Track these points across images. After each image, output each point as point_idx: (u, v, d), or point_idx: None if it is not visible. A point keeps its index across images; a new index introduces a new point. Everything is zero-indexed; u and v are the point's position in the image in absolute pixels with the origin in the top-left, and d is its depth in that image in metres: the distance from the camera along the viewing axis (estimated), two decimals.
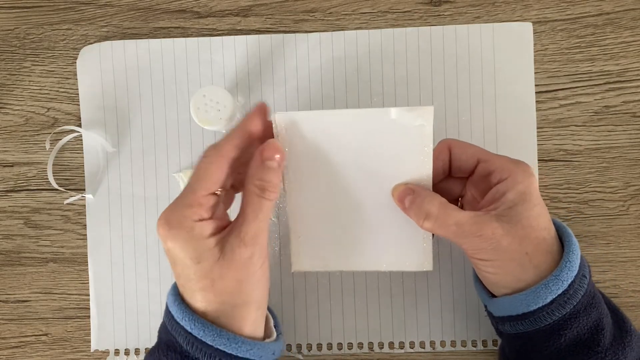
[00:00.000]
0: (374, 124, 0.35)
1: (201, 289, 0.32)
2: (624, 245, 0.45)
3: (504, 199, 0.34)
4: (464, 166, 0.37)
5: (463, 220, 0.33)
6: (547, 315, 0.33)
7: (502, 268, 0.34)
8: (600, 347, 0.33)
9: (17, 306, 0.46)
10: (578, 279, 0.33)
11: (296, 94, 0.46)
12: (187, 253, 0.32)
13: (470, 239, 0.33)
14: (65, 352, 0.46)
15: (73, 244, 0.46)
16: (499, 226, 0.33)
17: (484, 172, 0.36)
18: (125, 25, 0.47)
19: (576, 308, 0.33)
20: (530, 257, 0.33)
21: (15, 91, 0.47)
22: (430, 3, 0.46)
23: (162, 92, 0.46)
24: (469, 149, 0.37)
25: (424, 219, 0.34)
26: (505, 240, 0.33)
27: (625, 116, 0.45)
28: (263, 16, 0.46)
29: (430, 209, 0.34)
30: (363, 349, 0.45)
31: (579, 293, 0.33)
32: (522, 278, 0.34)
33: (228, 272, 0.32)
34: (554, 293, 0.33)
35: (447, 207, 0.34)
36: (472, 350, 0.45)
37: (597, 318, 0.34)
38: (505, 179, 0.34)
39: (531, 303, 0.33)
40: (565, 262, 0.33)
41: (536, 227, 0.33)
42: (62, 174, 0.47)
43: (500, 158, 0.35)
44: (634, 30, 0.45)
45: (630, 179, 0.45)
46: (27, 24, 0.47)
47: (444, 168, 0.37)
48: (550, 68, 0.45)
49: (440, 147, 0.37)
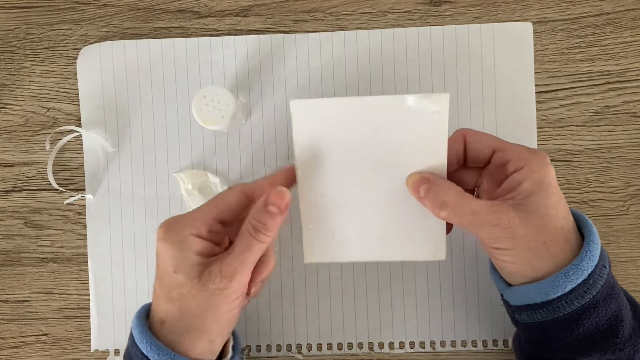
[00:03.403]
0: (389, 111, 0.34)
1: (168, 298, 0.33)
2: (624, 245, 0.45)
3: (521, 188, 0.33)
4: (480, 156, 0.36)
5: (479, 209, 0.33)
6: (566, 304, 0.33)
7: (519, 257, 0.33)
8: (619, 339, 0.33)
9: (17, 306, 0.46)
10: (598, 268, 0.33)
11: (296, 94, 0.46)
12: (170, 259, 0.33)
13: (486, 228, 0.33)
14: (65, 352, 0.46)
15: (73, 244, 0.46)
16: (516, 215, 0.32)
17: (500, 161, 0.35)
18: (125, 25, 0.47)
19: (595, 298, 0.33)
20: (548, 246, 0.33)
21: (15, 91, 0.47)
22: (430, 3, 0.46)
23: (162, 92, 0.46)
24: (484, 138, 0.36)
25: (440, 208, 0.34)
26: (522, 229, 0.32)
27: (625, 116, 0.45)
28: (263, 16, 0.46)
29: (446, 198, 0.33)
30: (363, 349, 0.45)
31: (598, 283, 0.33)
32: (539, 267, 0.33)
33: (197, 294, 0.33)
34: (573, 282, 0.32)
35: (463, 195, 0.33)
36: (472, 350, 0.45)
37: (617, 309, 0.33)
38: (521, 167, 0.34)
39: (550, 292, 0.33)
40: (585, 252, 0.33)
41: (554, 216, 0.33)
42: (62, 174, 0.47)
43: (516, 147, 0.35)
44: (634, 30, 0.45)
45: (631, 179, 0.45)
46: (27, 24, 0.47)
47: (458, 158, 0.37)
48: (550, 68, 0.45)
49: (455, 137, 0.36)
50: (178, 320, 0.33)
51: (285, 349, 0.45)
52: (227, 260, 0.33)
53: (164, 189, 0.46)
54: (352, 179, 0.36)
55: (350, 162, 0.36)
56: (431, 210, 0.34)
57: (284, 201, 0.33)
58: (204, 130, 0.46)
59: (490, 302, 0.44)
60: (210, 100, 0.41)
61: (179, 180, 0.46)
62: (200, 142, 0.46)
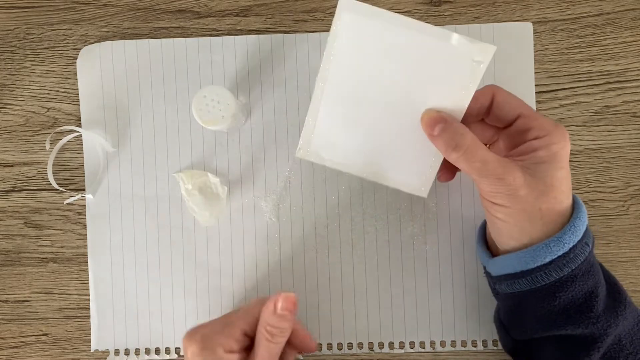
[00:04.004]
0: (431, 43, 0.34)
1: None
2: (624, 245, 0.45)
3: (535, 154, 0.34)
4: (505, 116, 0.36)
5: (489, 159, 0.33)
6: (545, 275, 0.34)
7: (512, 217, 0.34)
8: (593, 313, 0.34)
9: (17, 306, 0.46)
10: (580, 245, 0.34)
11: (296, 94, 0.46)
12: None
13: (490, 180, 0.33)
14: (65, 352, 0.46)
15: (73, 244, 0.46)
16: (522, 175, 0.33)
17: (523, 127, 0.35)
18: (125, 25, 0.47)
19: (574, 272, 0.34)
20: (542, 213, 0.33)
21: (15, 91, 0.47)
22: (430, 3, 0.46)
23: (162, 92, 0.46)
24: (513, 101, 0.36)
25: (453, 149, 0.34)
26: (524, 190, 0.33)
27: (625, 116, 0.45)
28: (263, 16, 0.46)
29: (461, 141, 0.34)
30: (363, 349, 0.45)
31: (579, 258, 0.34)
32: (528, 231, 0.34)
33: None
34: (553, 254, 0.33)
35: (477, 142, 0.34)
36: (472, 350, 0.45)
37: (593, 285, 0.34)
38: (542, 137, 0.34)
39: (530, 261, 0.34)
40: (570, 226, 0.33)
41: (557, 187, 0.33)
42: (62, 174, 0.47)
43: (542, 117, 0.35)
44: (634, 30, 0.45)
45: (630, 179, 0.45)
46: (27, 24, 0.47)
47: (480, 112, 0.37)
48: (550, 68, 0.45)
49: (485, 91, 0.36)
50: None
51: None
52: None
53: (164, 189, 0.46)
54: (369, 97, 0.36)
55: (374, 80, 0.36)
56: (443, 149, 0.35)
57: (293, 302, 0.36)
58: (204, 130, 0.46)
59: (491, 302, 0.44)
60: (210, 100, 0.41)
61: (179, 180, 0.46)
62: (200, 142, 0.46)
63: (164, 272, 0.46)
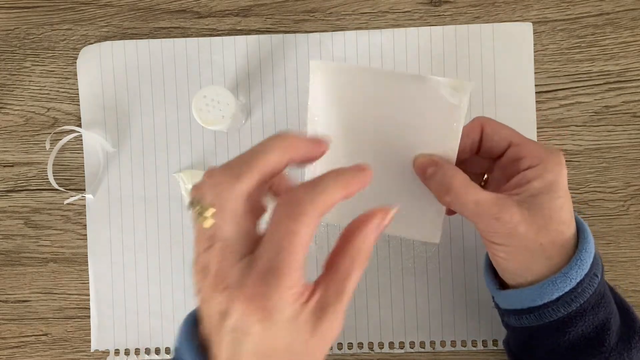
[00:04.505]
0: (409, 89, 0.34)
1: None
2: (624, 245, 0.45)
3: (529, 186, 0.32)
4: (495, 147, 0.35)
5: (483, 200, 0.32)
6: (552, 311, 0.33)
7: (514, 255, 0.33)
8: (605, 347, 0.33)
9: (17, 306, 0.46)
10: (588, 278, 0.32)
11: (296, 94, 0.46)
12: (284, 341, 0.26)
13: (487, 220, 0.32)
14: (65, 352, 0.46)
15: (73, 244, 0.46)
16: (518, 212, 0.32)
17: (514, 156, 0.34)
18: (125, 26, 0.47)
19: (583, 307, 0.32)
20: (544, 248, 0.32)
21: (15, 91, 0.47)
22: (430, 3, 0.46)
23: (162, 92, 0.46)
24: (502, 131, 0.35)
25: (445, 192, 0.33)
26: (522, 227, 0.32)
27: (625, 116, 0.45)
28: (263, 16, 0.46)
29: (452, 184, 0.33)
30: (363, 349, 0.45)
31: (587, 292, 0.32)
32: (532, 268, 0.33)
33: (316, 350, 0.26)
34: (560, 290, 0.32)
35: (469, 184, 0.33)
36: (472, 350, 0.45)
37: (605, 318, 0.33)
38: (535, 166, 0.33)
39: (537, 298, 0.33)
40: (575, 260, 0.32)
41: (556, 219, 0.32)
42: (62, 174, 0.47)
43: (533, 144, 0.34)
44: (634, 30, 0.45)
45: (630, 179, 0.45)
46: (27, 24, 0.47)
47: (472, 147, 0.36)
48: (550, 68, 0.45)
49: (473, 125, 0.35)
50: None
51: None
52: (341, 304, 0.27)
53: (164, 189, 0.46)
54: (361, 149, 0.35)
55: (362, 131, 0.35)
56: (435, 193, 0.34)
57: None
58: (204, 130, 0.46)
59: (490, 302, 0.44)
60: (210, 100, 0.41)
61: (179, 180, 0.46)
62: (200, 142, 0.46)
63: (164, 272, 0.46)
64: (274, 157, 0.26)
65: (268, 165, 0.26)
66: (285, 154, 0.27)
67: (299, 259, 0.26)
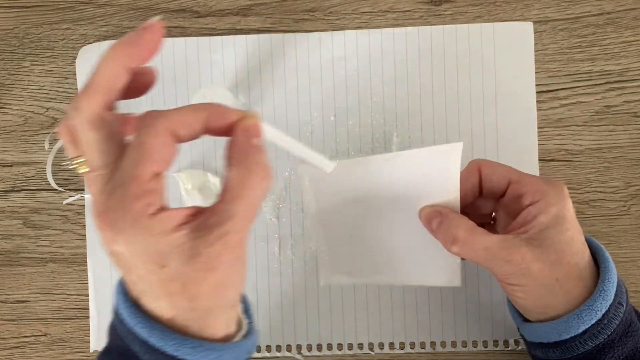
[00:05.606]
0: (401, 165, 0.35)
1: (168, 294, 0.26)
2: (625, 245, 0.45)
3: (535, 222, 0.32)
4: (495, 187, 0.35)
5: (491, 245, 0.32)
6: (580, 344, 0.32)
7: (532, 293, 0.33)
8: None
9: (16, 306, 0.46)
10: (613, 307, 0.32)
11: (296, 94, 0.46)
12: (147, 257, 0.25)
13: (499, 264, 0.32)
14: (65, 352, 0.46)
15: (72, 244, 0.46)
16: (529, 251, 0.32)
17: (516, 193, 0.34)
18: (124, 25, 0.46)
19: (610, 338, 0.32)
20: (561, 283, 0.32)
21: (14, 91, 0.47)
22: (430, 2, 0.46)
23: (161, 92, 0.46)
24: (499, 170, 0.35)
25: (452, 242, 0.33)
26: (536, 265, 0.31)
27: (626, 116, 0.45)
28: (263, 16, 0.46)
29: (458, 233, 0.33)
30: (363, 349, 0.45)
31: (613, 322, 0.32)
32: (551, 304, 0.33)
33: (205, 276, 0.25)
34: (586, 323, 0.32)
35: (475, 231, 0.33)
36: (473, 350, 0.44)
37: (634, 347, 0.33)
38: (537, 201, 0.33)
39: (563, 332, 0.32)
40: (599, 291, 0.32)
41: (568, 252, 0.32)
42: (62, 174, 0.46)
43: (532, 179, 0.34)
44: (635, 29, 0.45)
45: (631, 179, 0.45)
46: (26, 24, 0.47)
47: (474, 190, 0.36)
48: (551, 68, 0.45)
49: (470, 169, 0.36)
50: (192, 310, 0.27)
51: (285, 350, 0.45)
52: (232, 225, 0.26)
53: None
54: (366, 214, 0.37)
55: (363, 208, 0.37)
56: (443, 244, 0.34)
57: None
58: None
59: (491, 302, 0.44)
60: (210, 100, 0.41)
61: (178, 180, 0.45)
62: (200, 142, 0.45)
63: None
64: (107, 70, 0.26)
65: (104, 80, 0.26)
66: (118, 62, 0.26)
67: (147, 170, 0.26)
